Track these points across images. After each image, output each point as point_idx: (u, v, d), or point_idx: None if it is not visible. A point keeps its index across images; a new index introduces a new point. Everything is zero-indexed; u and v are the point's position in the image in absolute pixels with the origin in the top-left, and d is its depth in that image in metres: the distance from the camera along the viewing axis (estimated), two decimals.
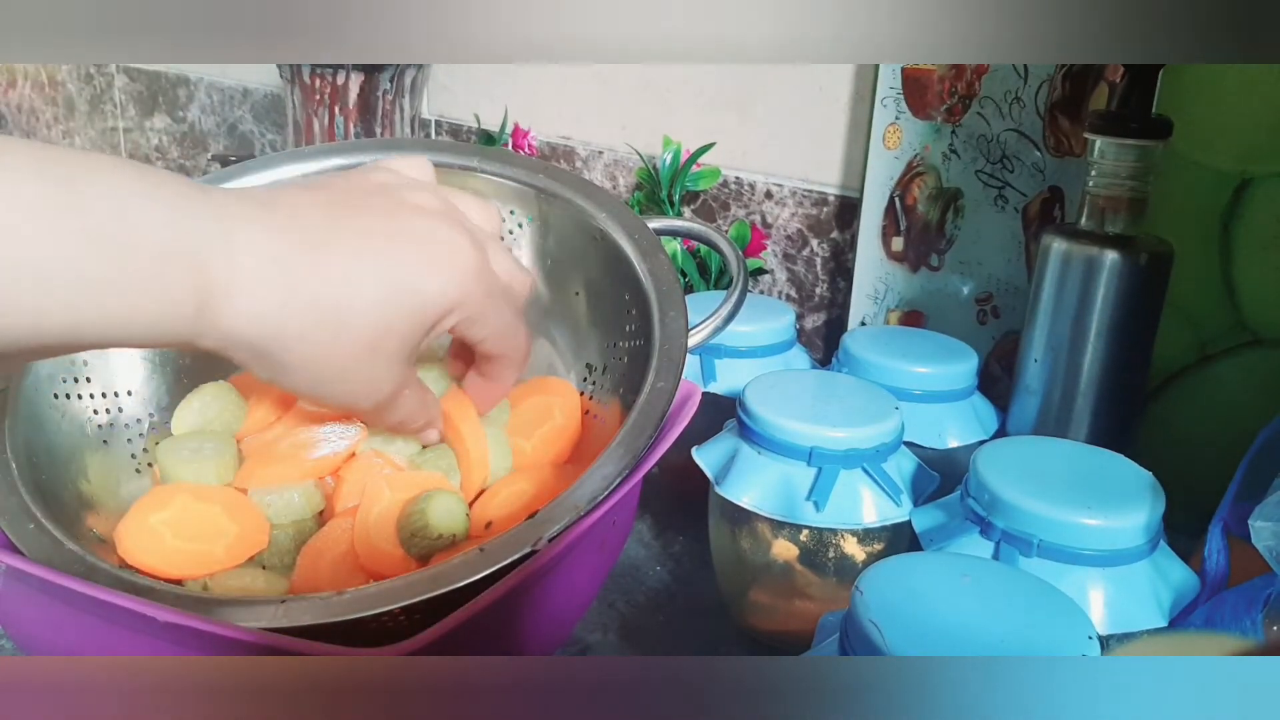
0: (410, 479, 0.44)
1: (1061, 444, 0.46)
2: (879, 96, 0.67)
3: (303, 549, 0.41)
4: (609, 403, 0.48)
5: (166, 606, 0.32)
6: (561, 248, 0.52)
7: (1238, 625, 0.36)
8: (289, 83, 0.83)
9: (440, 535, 0.40)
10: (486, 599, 0.33)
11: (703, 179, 0.79)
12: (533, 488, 0.44)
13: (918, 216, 0.68)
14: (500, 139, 0.90)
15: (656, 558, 0.58)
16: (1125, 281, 0.51)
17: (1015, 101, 0.62)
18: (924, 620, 0.31)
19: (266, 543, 0.42)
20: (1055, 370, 0.53)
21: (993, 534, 0.40)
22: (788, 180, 0.77)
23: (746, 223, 0.78)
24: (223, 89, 1.15)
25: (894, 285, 0.70)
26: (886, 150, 0.68)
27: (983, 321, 0.66)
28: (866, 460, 0.46)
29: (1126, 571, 0.39)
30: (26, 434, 0.42)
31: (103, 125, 1.30)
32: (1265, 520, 0.36)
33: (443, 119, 0.97)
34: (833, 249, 0.76)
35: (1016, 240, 0.64)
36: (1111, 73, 0.58)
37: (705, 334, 0.48)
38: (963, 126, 0.64)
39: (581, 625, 0.51)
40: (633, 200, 0.84)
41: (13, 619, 0.40)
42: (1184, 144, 0.55)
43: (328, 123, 0.83)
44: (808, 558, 0.48)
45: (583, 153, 0.88)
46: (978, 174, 0.64)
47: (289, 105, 0.85)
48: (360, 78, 0.81)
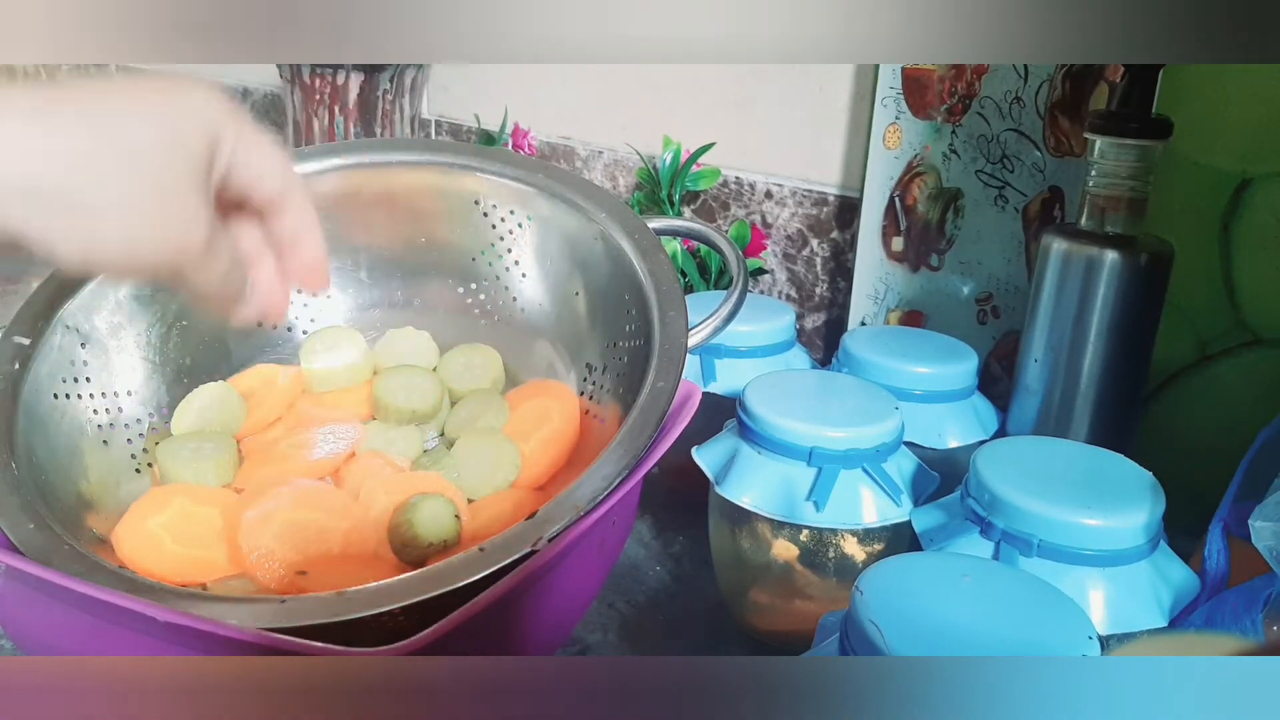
0: (406, 480, 0.44)
1: (1061, 444, 0.46)
2: (879, 96, 0.67)
3: (303, 550, 0.41)
4: (609, 403, 0.48)
5: (166, 606, 0.32)
6: (561, 247, 0.52)
7: (1238, 625, 0.36)
8: (289, 83, 0.83)
9: (430, 544, 0.40)
10: (486, 599, 0.33)
11: (703, 179, 0.79)
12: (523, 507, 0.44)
13: (918, 216, 0.68)
14: (500, 139, 0.90)
15: (656, 558, 0.58)
16: (1125, 281, 0.50)
17: (1015, 101, 0.62)
18: (924, 620, 0.31)
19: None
20: (1055, 370, 0.53)
21: (993, 534, 0.40)
22: (788, 180, 0.77)
23: (746, 223, 0.78)
24: (222, 89, 1.15)
25: (894, 285, 0.70)
26: (886, 150, 0.68)
27: (983, 321, 0.66)
28: (866, 460, 0.46)
29: (1126, 571, 0.39)
30: (26, 434, 0.42)
31: None
32: (1265, 520, 0.36)
33: (443, 119, 0.97)
34: (833, 249, 0.76)
35: (1016, 240, 0.64)
36: (1111, 73, 0.58)
37: (705, 334, 0.48)
38: (963, 126, 0.64)
39: (581, 625, 0.51)
40: (633, 200, 0.84)
41: (13, 619, 0.40)
42: (1184, 144, 0.55)
43: (328, 123, 0.83)
44: (808, 558, 0.48)
45: (583, 153, 0.88)
46: (978, 174, 0.64)
47: (289, 105, 0.85)
48: (360, 78, 0.81)
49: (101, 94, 0.33)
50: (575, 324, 0.52)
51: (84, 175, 0.31)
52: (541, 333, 0.53)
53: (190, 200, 0.33)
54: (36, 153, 0.30)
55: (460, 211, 0.54)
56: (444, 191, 0.54)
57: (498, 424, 0.48)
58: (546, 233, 0.53)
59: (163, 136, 0.33)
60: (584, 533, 0.36)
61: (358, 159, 0.53)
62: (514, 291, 0.54)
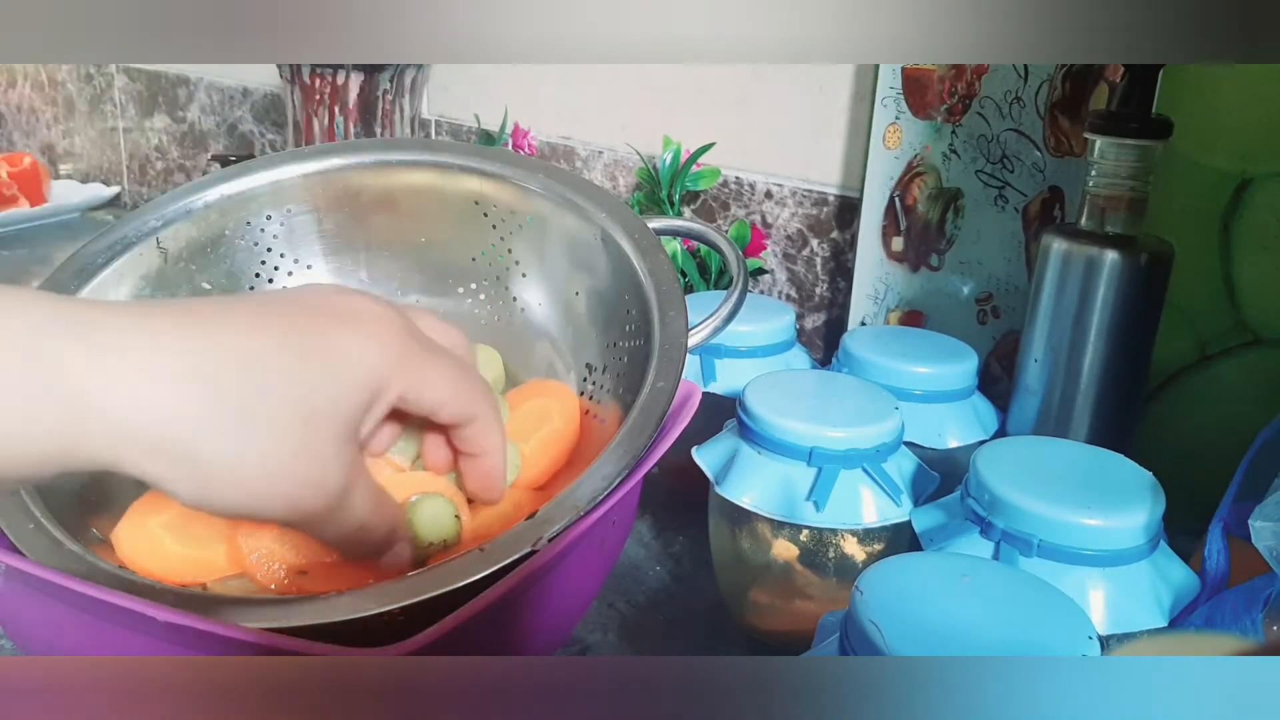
0: (406, 480, 0.44)
1: (1061, 444, 0.46)
2: (879, 96, 0.67)
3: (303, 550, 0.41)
4: (609, 403, 0.48)
5: (166, 606, 0.32)
6: (561, 247, 0.52)
7: (1238, 625, 0.36)
8: (289, 83, 0.83)
9: (430, 544, 0.40)
10: (486, 599, 0.33)
11: (703, 179, 0.79)
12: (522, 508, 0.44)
13: (918, 216, 0.68)
14: (500, 139, 0.90)
15: (656, 558, 0.58)
16: (1125, 281, 0.50)
17: (1015, 101, 0.62)
18: (924, 620, 0.31)
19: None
20: (1055, 370, 0.53)
21: (993, 534, 0.40)
22: (788, 180, 0.77)
23: (746, 223, 0.78)
24: (223, 89, 1.15)
25: (894, 285, 0.70)
26: (886, 150, 0.68)
27: (983, 321, 0.66)
28: (866, 460, 0.46)
29: (1126, 571, 0.39)
30: None
31: (102, 125, 1.30)
32: (1265, 520, 0.36)
33: (443, 119, 0.97)
34: (833, 249, 0.76)
35: (1016, 240, 0.64)
36: (1111, 73, 0.58)
37: (705, 334, 0.48)
38: (963, 126, 0.64)
39: (581, 625, 0.51)
40: (633, 200, 0.84)
41: (13, 619, 0.40)
42: (1184, 144, 0.55)
43: (328, 123, 0.83)
44: (808, 558, 0.48)
45: (583, 153, 0.88)
46: (978, 174, 0.64)
47: (289, 105, 0.85)
48: (360, 78, 0.81)
49: (260, 333, 0.29)
50: (575, 324, 0.52)
51: (212, 433, 0.28)
52: (541, 333, 0.53)
53: (325, 451, 0.31)
54: (168, 409, 0.28)
55: (460, 211, 0.54)
56: (444, 191, 0.54)
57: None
58: (546, 233, 0.52)
59: (316, 401, 0.30)
60: (584, 533, 0.36)
61: (358, 159, 0.53)
62: (514, 291, 0.54)
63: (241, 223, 0.52)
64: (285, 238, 0.53)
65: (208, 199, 0.51)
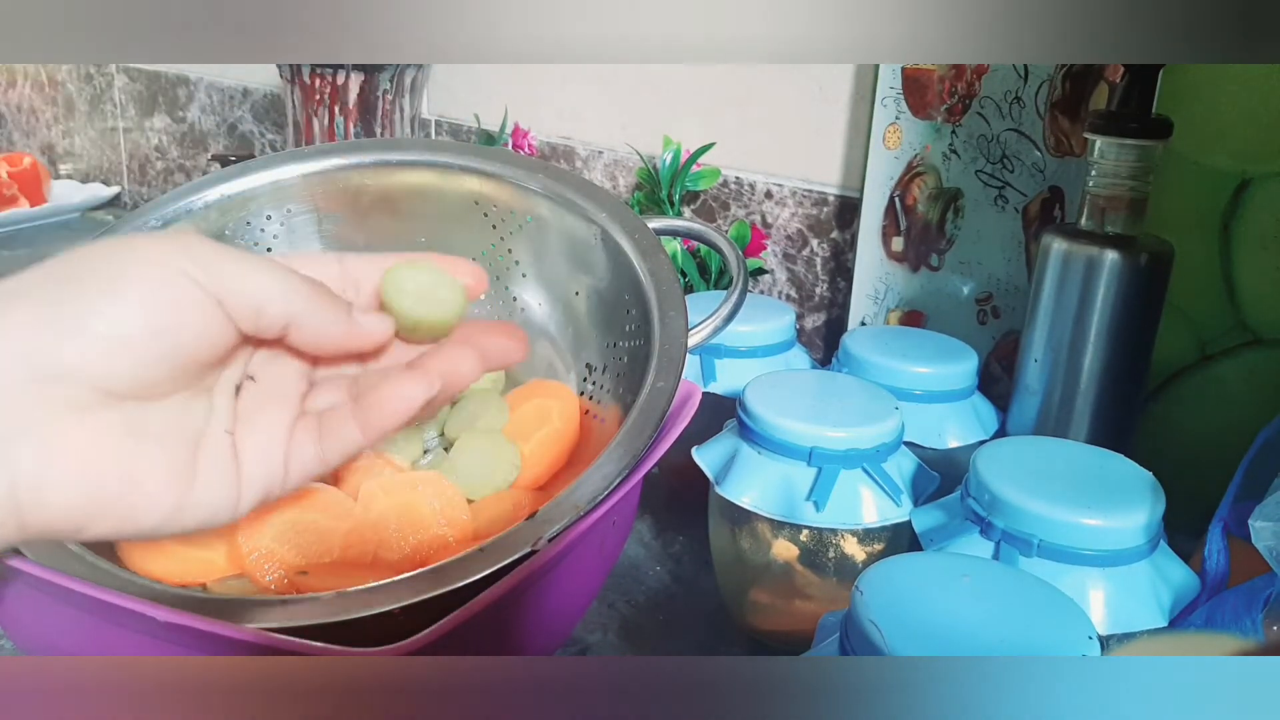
0: (405, 480, 0.44)
1: (1061, 444, 0.46)
2: (879, 96, 0.67)
3: (303, 551, 0.41)
4: (609, 403, 0.48)
5: (167, 606, 0.32)
6: (561, 247, 0.52)
7: (1238, 625, 0.36)
8: (289, 83, 0.83)
9: (418, 323, 0.34)
10: (486, 599, 0.33)
11: (703, 179, 0.79)
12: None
13: (918, 216, 0.68)
14: (500, 139, 0.90)
15: (656, 558, 0.58)
16: (1125, 281, 0.50)
17: (1015, 101, 0.62)
18: (924, 620, 0.31)
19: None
20: (1055, 370, 0.53)
21: (993, 534, 0.40)
22: (788, 180, 0.77)
23: (746, 223, 0.78)
24: (223, 89, 1.15)
25: (894, 285, 0.70)
26: (886, 150, 0.68)
27: (983, 321, 0.66)
28: (866, 460, 0.46)
29: (1126, 571, 0.39)
30: None
31: (102, 125, 1.30)
32: (1265, 520, 0.36)
33: (443, 119, 0.97)
34: (833, 249, 0.76)
35: (1016, 240, 0.64)
36: (1111, 73, 0.58)
37: (705, 334, 0.48)
38: (963, 126, 0.64)
39: (581, 625, 0.51)
40: (633, 200, 0.84)
41: (13, 619, 0.40)
42: (1184, 144, 0.55)
43: (328, 123, 0.83)
44: (808, 558, 0.48)
45: (583, 153, 0.88)
46: (978, 174, 0.64)
47: (289, 105, 0.85)
48: (360, 78, 0.81)
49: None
50: (575, 324, 0.52)
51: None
52: (541, 333, 0.53)
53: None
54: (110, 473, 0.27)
55: (460, 211, 0.54)
56: (444, 191, 0.54)
57: (498, 424, 0.48)
58: (546, 233, 0.53)
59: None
60: (584, 533, 0.36)
61: (358, 159, 0.53)
62: (514, 291, 0.54)
63: (241, 222, 0.52)
64: (285, 237, 0.53)
65: (208, 199, 0.51)
